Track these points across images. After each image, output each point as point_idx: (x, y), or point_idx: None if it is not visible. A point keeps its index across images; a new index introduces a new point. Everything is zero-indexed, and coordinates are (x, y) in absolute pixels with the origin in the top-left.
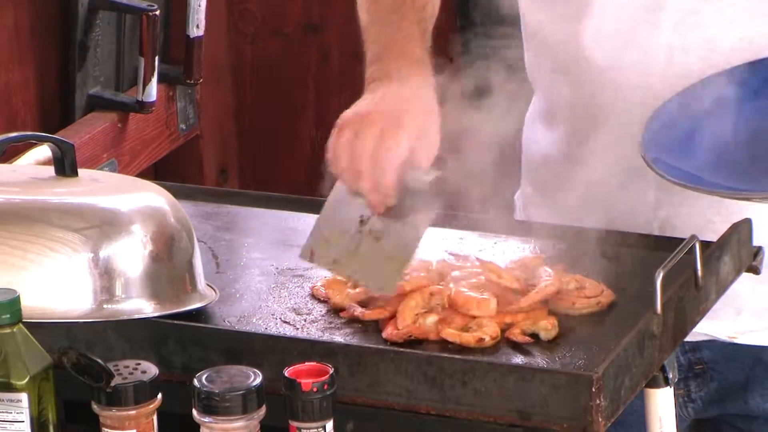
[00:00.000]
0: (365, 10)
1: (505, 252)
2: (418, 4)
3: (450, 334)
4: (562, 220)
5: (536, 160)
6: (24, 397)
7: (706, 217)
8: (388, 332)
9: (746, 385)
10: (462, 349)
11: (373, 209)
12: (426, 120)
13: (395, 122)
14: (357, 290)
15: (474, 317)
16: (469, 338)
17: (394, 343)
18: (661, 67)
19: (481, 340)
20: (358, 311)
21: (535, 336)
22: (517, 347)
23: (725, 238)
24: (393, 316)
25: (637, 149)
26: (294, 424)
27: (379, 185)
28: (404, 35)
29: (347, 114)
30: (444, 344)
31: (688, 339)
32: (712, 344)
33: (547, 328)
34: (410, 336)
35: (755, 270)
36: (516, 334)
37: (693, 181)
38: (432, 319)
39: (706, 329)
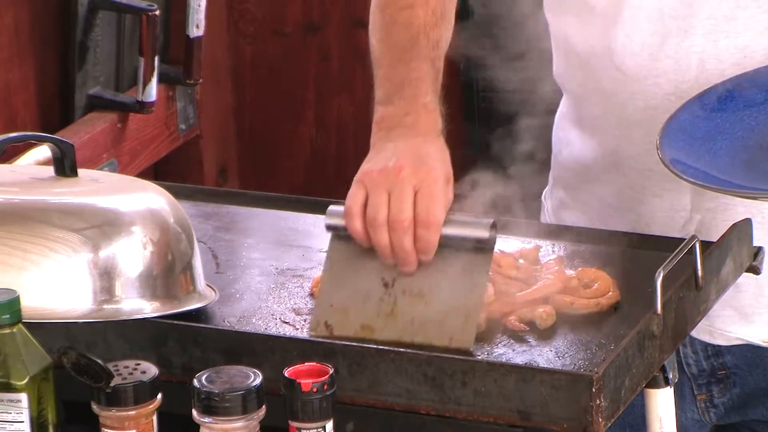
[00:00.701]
0: (377, 39)
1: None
2: (432, 41)
3: None
4: (595, 224)
5: (568, 162)
6: (24, 397)
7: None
8: None
9: None
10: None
11: (405, 269)
12: (445, 174)
13: (428, 179)
14: None
15: None
16: None
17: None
18: (693, 75)
19: None
20: None
21: (531, 324)
22: (519, 346)
23: (725, 238)
24: None
25: None
26: (294, 424)
27: (425, 243)
28: (416, 77)
29: (368, 169)
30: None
31: (718, 342)
32: (736, 349)
33: (542, 317)
34: None
35: (755, 270)
36: (512, 322)
37: (711, 180)
38: None
39: (740, 333)
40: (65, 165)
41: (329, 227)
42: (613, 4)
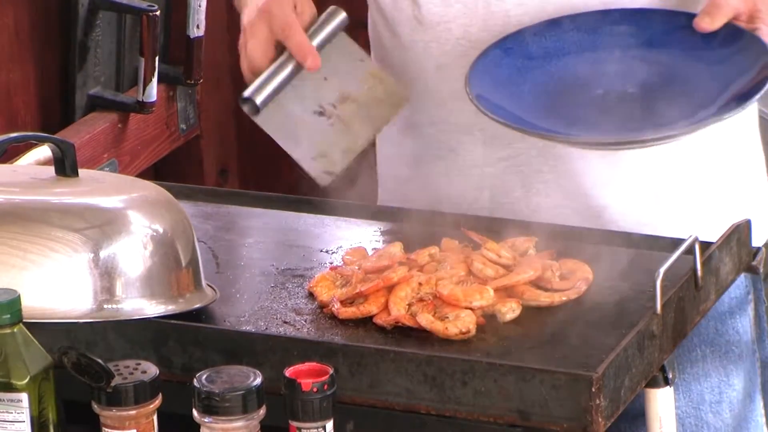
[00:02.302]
0: None
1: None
2: None
3: (426, 319)
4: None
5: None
6: (24, 397)
7: (534, 168)
8: (379, 318)
9: None
10: (463, 347)
11: (309, 66)
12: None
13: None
14: (344, 289)
15: (454, 308)
16: (439, 327)
17: (390, 334)
18: (480, 18)
19: (447, 330)
20: (336, 308)
21: (492, 317)
22: (519, 346)
23: (725, 238)
24: (371, 316)
25: (461, 105)
26: (294, 424)
27: (300, 46)
28: None
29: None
30: (441, 341)
31: None
32: None
33: (501, 310)
34: (397, 323)
35: (755, 270)
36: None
37: (514, 120)
38: (422, 308)
39: None
40: (66, 165)
41: (246, 101)
42: None
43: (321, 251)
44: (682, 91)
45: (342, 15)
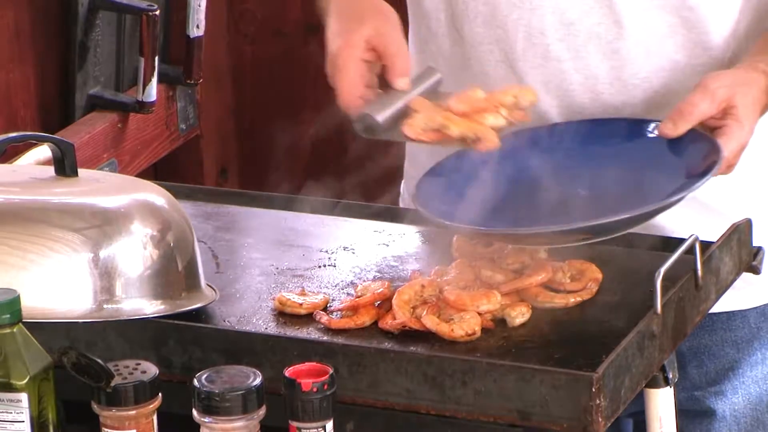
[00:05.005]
0: None
1: None
2: None
3: (431, 320)
4: None
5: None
6: (24, 397)
7: None
8: (384, 323)
9: None
10: (463, 347)
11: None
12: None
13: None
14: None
15: (460, 310)
16: (444, 329)
17: (392, 335)
18: (521, 47)
19: (453, 332)
20: (324, 319)
21: (501, 321)
22: (519, 346)
23: (725, 238)
24: (362, 324)
25: None
26: (294, 424)
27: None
28: None
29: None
30: (443, 342)
31: None
32: None
33: (511, 314)
34: (404, 327)
35: (755, 270)
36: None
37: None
38: (427, 310)
39: None
40: (65, 165)
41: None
42: None
43: (320, 251)
44: (630, 192)
45: (438, 75)
